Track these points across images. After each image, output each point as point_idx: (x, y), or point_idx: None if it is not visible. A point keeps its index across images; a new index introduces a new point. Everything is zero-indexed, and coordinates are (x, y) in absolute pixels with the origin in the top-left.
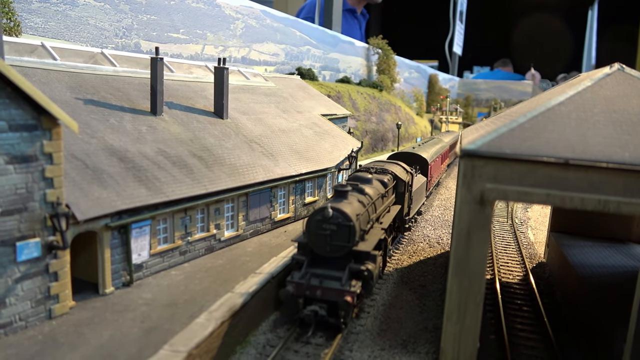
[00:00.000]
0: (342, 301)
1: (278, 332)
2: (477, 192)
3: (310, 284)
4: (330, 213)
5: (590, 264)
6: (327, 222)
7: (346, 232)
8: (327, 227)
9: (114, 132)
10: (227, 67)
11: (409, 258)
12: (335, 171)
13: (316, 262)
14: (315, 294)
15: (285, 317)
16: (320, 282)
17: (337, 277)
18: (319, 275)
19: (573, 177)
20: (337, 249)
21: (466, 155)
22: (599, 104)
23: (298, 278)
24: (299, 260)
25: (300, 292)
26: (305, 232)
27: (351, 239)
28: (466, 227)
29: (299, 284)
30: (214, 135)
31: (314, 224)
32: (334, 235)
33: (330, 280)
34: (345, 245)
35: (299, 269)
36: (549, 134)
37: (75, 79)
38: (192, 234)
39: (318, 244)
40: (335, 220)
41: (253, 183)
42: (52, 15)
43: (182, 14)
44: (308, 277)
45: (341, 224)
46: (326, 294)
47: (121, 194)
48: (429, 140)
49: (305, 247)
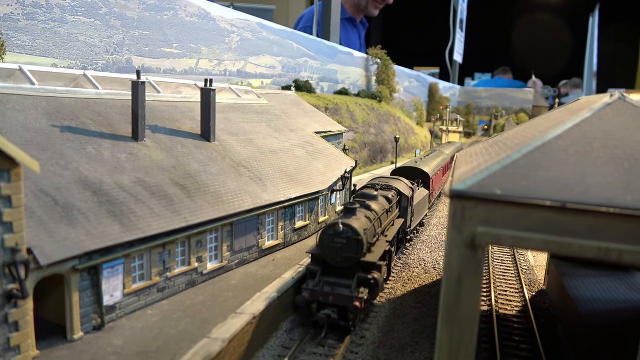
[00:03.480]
0: (351, 306)
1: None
2: (467, 235)
3: (324, 291)
4: (341, 228)
5: (591, 298)
6: (338, 237)
7: (355, 245)
8: (338, 241)
9: (90, 162)
10: (214, 89)
11: (403, 286)
12: (328, 193)
13: (328, 271)
14: (327, 300)
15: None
16: (332, 289)
17: (347, 284)
18: (331, 283)
19: (571, 222)
20: (347, 260)
21: (456, 196)
22: (599, 138)
23: (312, 286)
24: (312, 270)
25: (315, 298)
26: (318, 245)
27: (359, 251)
28: (456, 273)
29: (313, 290)
30: (199, 161)
31: (327, 238)
32: (344, 248)
33: (341, 288)
34: (354, 257)
35: (313, 277)
36: (545, 172)
37: (54, 104)
38: (171, 269)
39: (330, 255)
40: (345, 234)
41: (238, 212)
42: (40, 33)
43: (176, 28)
44: (321, 284)
45: (350, 238)
46: (337, 299)
47: (91, 232)
48: (431, 153)
49: (318, 258)
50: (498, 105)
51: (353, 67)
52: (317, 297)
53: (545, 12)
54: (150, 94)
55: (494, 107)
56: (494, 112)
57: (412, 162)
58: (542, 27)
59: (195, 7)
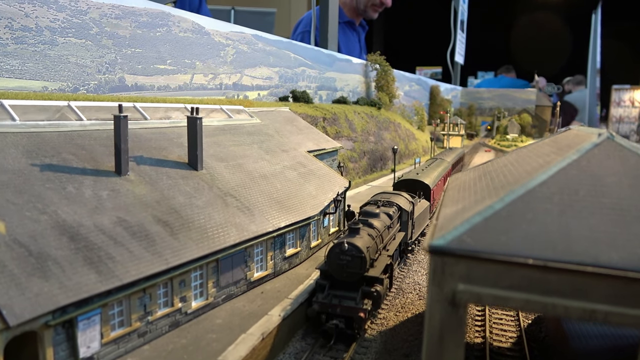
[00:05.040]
0: (356, 316)
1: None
2: (448, 291)
3: (332, 303)
4: (346, 247)
5: (585, 334)
6: (343, 254)
7: (359, 262)
8: (343, 258)
9: (69, 203)
10: (200, 117)
11: (395, 316)
12: (320, 217)
13: (335, 285)
14: (335, 311)
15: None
16: (339, 301)
17: (352, 297)
18: (338, 296)
19: (555, 281)
20: (352, 275)
21: (435, 252)
22: (585, 184)
23: (322, 298)
24: (321, 284)
25: (324, 310)
26: (326, 261)
27: (363, 267)
28: (438, 329)
29: (323, 303)
30: (184, 193)
31: (334, 256)
32: (349, 264)
33: (347, 300)
34: (358, 272)
35: (322, 290)
36: (528, 225)
37: (35, 140)
38: (152, 312)
39: (337, 271)
40: (350, 252)
41: (223, 248)
42: (30, 56)
43: (169, 44)
44: (329, 297)
45: (355, 255)
46: (344, 310)
47: (65, 284)
48: (432, 162)
49: (326, 273)
50: (500, 106)
51: (352, 73)
52: (326, 308)
53: (548, 9)
54: (137, 121)
55: (497, 107)
56: (496, 113)
57: (413, 173)
58: (545, 25)
59: (188, 22)
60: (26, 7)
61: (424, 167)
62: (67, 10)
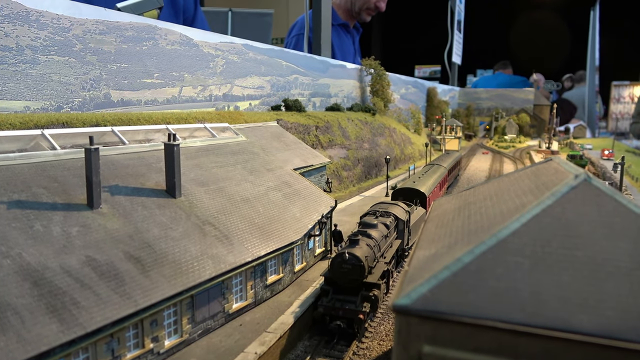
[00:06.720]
0: (357, 318)
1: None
2: (414, 353)
3: (335, 306)
4: (347, 257)
5: None
6: (345, 263)
7: (358, 270)
8: (345, 266)
9: (35, 244)
10: (177, 144)
11: (379, 345)
12: (305, 240)
13: (338, 290)
14: (338, 313)
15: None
16: (342, 304)
17: (353, 301)
18: (340, 300)
19: (524, 344)
20: (352, 282)
21: (399, 312)
22: (559, 234)
23: (326, 302)
24: (325, 289)
25: (328, 312)
26: (329, 269)
27: (362, 274)
28: None
29: (327, 306)
30: (160, 224)
31: (336, 264)
32: (350, 272)
33: (348, 303)
34: (358, 279)
35: (326, 295)
36: (497, 281)
37: (5, 174)
38: (121, 357)
39: (339, 278)
40: (350, 261)
41: (198, 283)
42: (11, 76)
43: (156, 58)
44: (333, 301)
45: (354, 264)
46: (346, 313)
47: (24, 337)
48: (428, 169)
49: (329, 279)
50: (499, 106)
51: (346, 79)
52: (330, 311)
53: (546, 6)
54: (115, 146)
55: (495, 108)
56: (495, 113)
57: (410, 182)
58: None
59: (176, 34)
60: (6, 26)
61: (420, 175)
62: (48, 28)
